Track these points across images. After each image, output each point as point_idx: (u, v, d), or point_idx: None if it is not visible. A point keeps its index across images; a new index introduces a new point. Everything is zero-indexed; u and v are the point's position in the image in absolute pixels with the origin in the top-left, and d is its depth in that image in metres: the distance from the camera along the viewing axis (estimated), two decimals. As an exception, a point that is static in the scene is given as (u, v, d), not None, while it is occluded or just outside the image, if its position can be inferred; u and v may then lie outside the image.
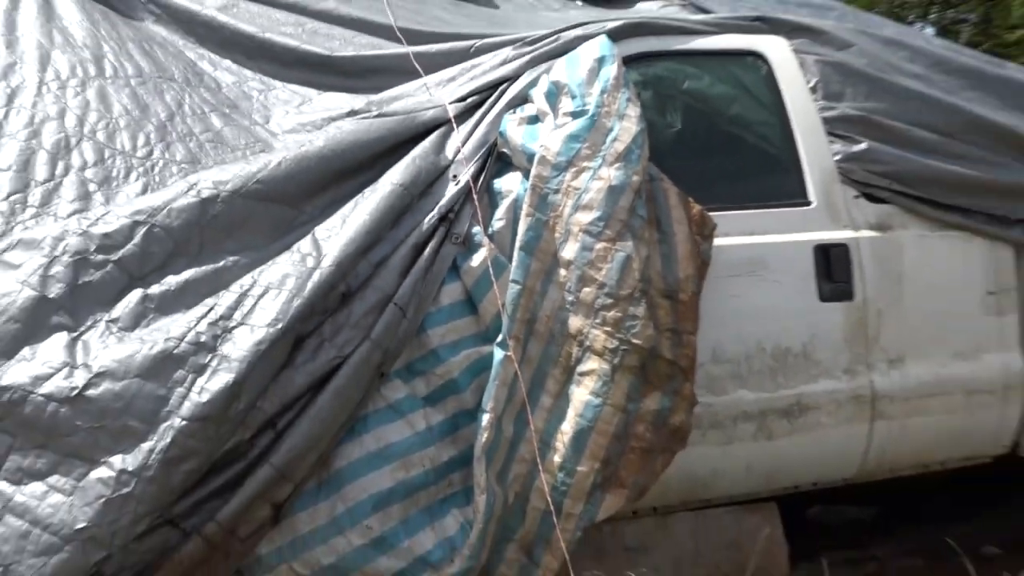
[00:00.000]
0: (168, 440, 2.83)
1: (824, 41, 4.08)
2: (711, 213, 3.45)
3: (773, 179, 3.87)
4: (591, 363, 3.23)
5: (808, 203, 3.81)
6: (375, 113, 3.47)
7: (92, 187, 3.23)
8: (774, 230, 3.73)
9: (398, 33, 3.83)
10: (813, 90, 3.93)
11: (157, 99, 3.51)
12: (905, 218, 3.92)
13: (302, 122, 3.52)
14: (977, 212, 3.99)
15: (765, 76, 3.93)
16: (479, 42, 3.74)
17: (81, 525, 2.76)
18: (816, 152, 3.86)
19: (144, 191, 3.24)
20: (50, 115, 3.37)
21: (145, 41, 3.73)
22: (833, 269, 3.76)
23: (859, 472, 3.95)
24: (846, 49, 4.09)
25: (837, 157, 3.87)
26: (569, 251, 3.25)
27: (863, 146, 3.89)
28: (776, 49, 3.97)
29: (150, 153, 3.34)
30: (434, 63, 3.70)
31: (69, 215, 3.13)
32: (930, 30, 13.73)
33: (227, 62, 3.72)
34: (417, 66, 3.62)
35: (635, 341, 3.20)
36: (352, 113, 3.48)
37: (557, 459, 3.22)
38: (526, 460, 3.23)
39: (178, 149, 3.38)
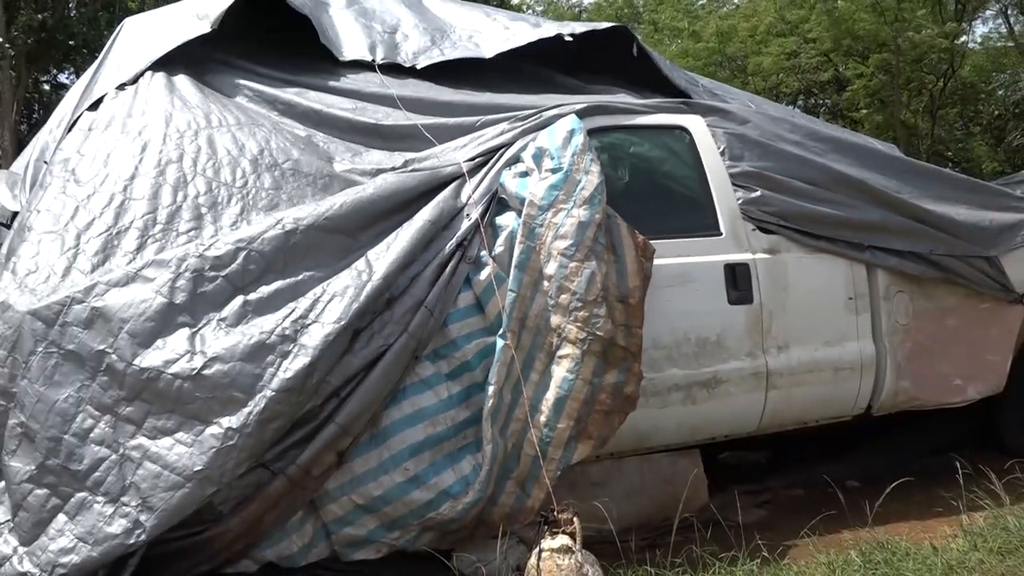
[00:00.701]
0: (262, 406, 2.80)
1: (729, 118, 4.04)
2: (651, 241, 3.40)
3: (695, 217, 3.81)
4: (567, 349, 3.20)
5: (720, 234, 3.78)
6: (410, 168, 3.43)
7: (204, 210, 3.17)
8: (696, 253, 3.70)
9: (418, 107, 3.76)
10: (722, 154, 3.89)
11: (251, 138, 3.42)
12: (789, 244, 3.88)
13: (355, 167, 3.46)
14: (839, 240, 3.96)
15: (688, 144, 3.89)
16: (484, 118, 3.70)
17: (198, 468, 2.73)
18: (725, 197, 3.82)
19: (241, 212, 3.18)
20: (172, 159, 3.30)
21: (241, 106, 3.68)
22: (738, 281, 3.73)
23: (758, 428, 3.90)
24: (745, 124, 4.05)
25: (740, 201, 3.83)
26: (551, 268, 3.23)
27: (758, 193, 3.86)
28: (696, 124, 3.94)
29: (245, 183, 3.28)
30: (449, 132, 3.65)
31: (188, 231, 3.09)
32: (797, 111, 13.84)
33: (301, 125, 3.65)
34: (428, 135, 3.56)
35: (598, 333, 3.17)
36: (393, 168, 3.44)
37: (543, 419, 3.18)
38: (520, 419, 3.20)
39: (266, 178, 3.30)
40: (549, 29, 4.37)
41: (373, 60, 3.95)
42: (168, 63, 3.73)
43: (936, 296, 4.14)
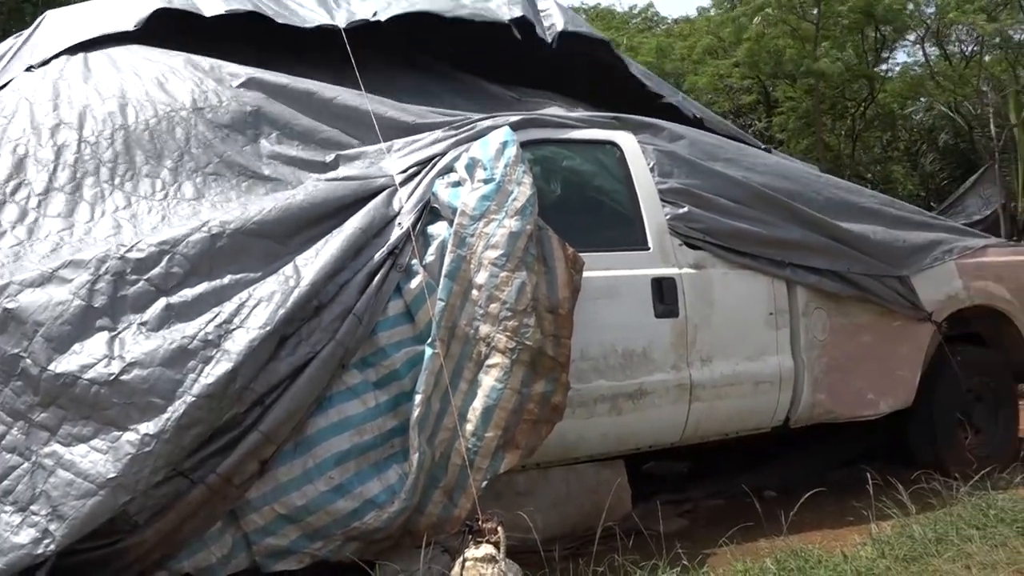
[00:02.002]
0: (181, 412, 2.73)
1: (660, 135, 4.12)
2: (581, 254, 3.42)
3: (624, 232, 3.86)
4: (496, 358, 3.19)
5: (648, 248, 3.83)
6: (342, 177, 3.39)
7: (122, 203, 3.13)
8: (624, 267, 3.74)
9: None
10: (652, 170, 3.95)
11: (175, 125, 3.41)
12: (714, 260, 3.95)
13: (282, 153, 3.47)
14: (762, 257, 4.05)
15: (619, 159, 3.94)
16: (419, 120, 3.69)
17: (112, 475, 2.65)
18: (653, 213, 3.88)
19: (164, 199, 3.15)
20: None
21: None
22: (664, 295, 3.78)
23: (681, 438, 3.96)
24: (676, 141, 4.14)
25: (667, 217, 3.89)
26: (481, 278, 3.23)
27: (685, 209, 3.93)
28: (627, 140, 3.99)
29: (168, 171, 3.26)
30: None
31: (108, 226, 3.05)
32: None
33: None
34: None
35: (527, 343, 3.18)
36: (324, 164, 3.39)
37: (471, 428, 3.17)
38: (449, 429, 3.18)
39: (187, 171, 3.31)
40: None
41: (335, 26, 3.89)
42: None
43: (852, 313, 4.28)
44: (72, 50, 3.79)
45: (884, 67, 17.17)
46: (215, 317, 2.88)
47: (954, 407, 4.65)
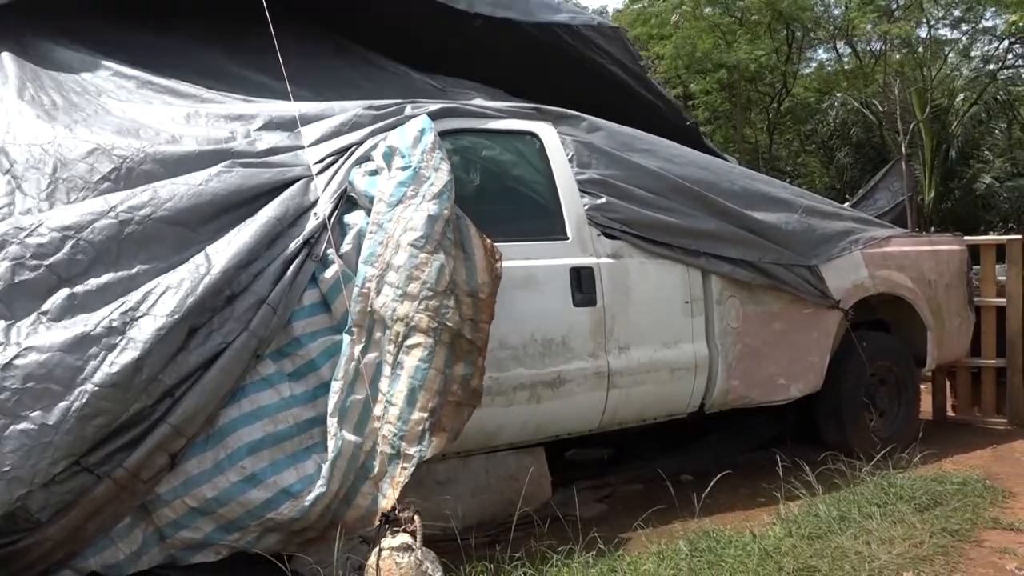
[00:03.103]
0: (83, 401, 2.63)
1: (580, 126, 4.15)
2: (501, 244, 3.41)
3: (543, 221, 3.89)
4: (417, 338, 3.11)
5: (567, 238, 3.87)
6: (257, 164, 3.32)
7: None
8: (543, 256, 3.77)
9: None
10: (571, 161, 3.99)
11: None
12: (631, 250, 4.01)
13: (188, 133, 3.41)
14: (677, 247, 4.13)
15: (538, 149, 3.96)
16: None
17: (6, 468, 2.54)
18: (572, 203, 3.92)
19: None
20: None
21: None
22: (583, 284, 3.83)
23: (599, 425, 4.02)
24: (594, 132, 4.18)
25: (586, 207, 3.94)
26: (400, 259, 3.14)
27: (603, 200, 3.98)
28: (546, 131, 4.02)
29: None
30: None
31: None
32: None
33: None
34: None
35: (447, 323, 3.13)
36: (229, 139, 3.34)
37: (396, 412, 3.09)
38: (377, 417, 3.15)
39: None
40: None
41: None
42: None
43: (764, 301, 4.41)
44: None
45: (801, 63, 17.66)
46: (121, 305, 2.79)
47: (859, 391, 4.85)
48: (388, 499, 3.12)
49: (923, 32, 15.62)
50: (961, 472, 4.33)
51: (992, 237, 7.17)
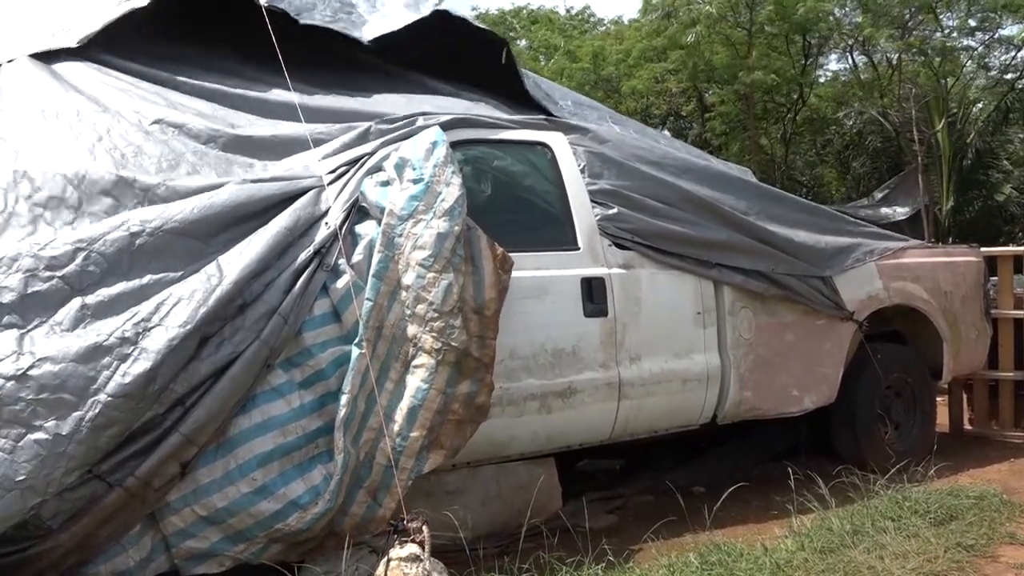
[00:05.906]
0: (96, 411, 2.65)
1: (591, 137, 4.15)
2: (512, 254, 3.43)
3: (554, 231, 3.89)
4: (422, 359, 3.19)
5: (578, 248, 3.86)
6: (268, 177, 3.33)
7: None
8: (554, 266, 3.77)
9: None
10: (582, 171, 3.99)
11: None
12: (643, 260, 4.00)
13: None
14: (689, 257, 4.12)
15: (550, 160, 3.97)
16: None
17: (20, 477, 2.55)
18: (583, 214, 3.92)
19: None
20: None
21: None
22: (594, 294, 3.82)
23: (611, 436, 4.01)
24: (604, 143, 4.18)
25: (597, 217, 3.94)
26: (408, 278, 3.21)
27: (615, 210, 3.98)
28: (558, 141, 4.03)
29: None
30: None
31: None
32: (667, 133, 14.46)
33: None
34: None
35: (453, 344, 3.17)
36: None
37: (396, 428, 3.16)
38: (374, 429, 3.16)
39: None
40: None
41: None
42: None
43: (777, 312, 4.39)
44: None
45: (818, 73, 17.62)
46: (133, 316, 2.81)
47: (874, 403, 4.80)
48: (385, 509, 3.16)
49: (938, 35, 15.53)
50: (977, 486, 4.27)
51: (1010, 248, 7.09)
